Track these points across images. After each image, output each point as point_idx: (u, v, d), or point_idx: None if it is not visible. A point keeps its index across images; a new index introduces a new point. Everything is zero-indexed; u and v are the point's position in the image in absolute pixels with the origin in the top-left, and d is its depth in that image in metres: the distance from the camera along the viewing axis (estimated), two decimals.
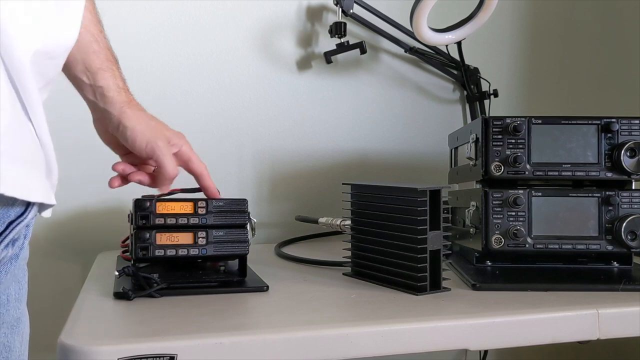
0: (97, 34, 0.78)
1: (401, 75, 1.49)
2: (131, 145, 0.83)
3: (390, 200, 0.91)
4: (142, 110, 0.85)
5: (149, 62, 1.33)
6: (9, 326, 0.64)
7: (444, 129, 1.36)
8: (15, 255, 0.61)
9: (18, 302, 0.65)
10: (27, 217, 0.59)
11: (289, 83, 1.42)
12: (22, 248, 0.62)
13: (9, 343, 0.64)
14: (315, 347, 0.71)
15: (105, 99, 0.81)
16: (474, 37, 1.32)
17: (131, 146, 0.83)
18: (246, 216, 0.91)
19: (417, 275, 0.86)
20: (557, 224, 0.96)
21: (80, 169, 1.29)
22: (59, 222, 1.29)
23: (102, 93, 0.80)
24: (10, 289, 0.64)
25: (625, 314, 0.80)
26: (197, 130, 1.36)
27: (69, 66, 0.77)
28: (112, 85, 0.80)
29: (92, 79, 0.79)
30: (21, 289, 0.66)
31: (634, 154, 0.95)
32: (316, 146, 1.44)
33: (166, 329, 0.71)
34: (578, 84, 1.60)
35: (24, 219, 0.59)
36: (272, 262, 1.12)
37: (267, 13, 1.40)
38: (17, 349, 0.65)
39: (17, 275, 0.64)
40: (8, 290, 0.63)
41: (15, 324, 0.65)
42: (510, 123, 0.96)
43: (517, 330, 0.77)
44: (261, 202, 1.41)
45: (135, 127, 0.82)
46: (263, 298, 0.87)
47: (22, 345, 0.67)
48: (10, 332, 0.64)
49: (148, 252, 0.86)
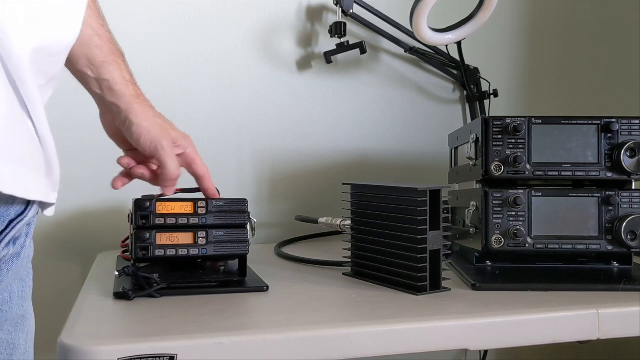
0: (98, 28, 0.77)
1: (401, 75, 1.49)
2: (136, 141, 0.82)
3: (390, 200, 0.91)
4: (150, 106, 0.84)
5: (149, 61, 1.33)
6: (12, 324, 0.64)
7: (444, 129, 1.36)
8: (16, 253, 0.61)
9: (22, 300, 0.65)
10: (27, 215, 0.59)
11: (289, 83, 1.42)
12: (23, 246, 0.62)
13: (13, 341, 0.64)
14: (315, 347, 0.71)
15: (112, 92, 0.79)
16: (474, 37, 1.32)
17: (136, 143, 0.82)
18: (246, 216, 0.91)
19: (417, 275, 0.86)
20: (557, 224, 0.96)
21: (80, 169, 1.29)
22: (59, 221, 1.29)
23: (108, 86, 0.79)
24: (13, 286, 0.64)
25: (625, 314, 0.80)
26: (197, 130, 1.36)
27: (72, 62, 0.76)
28: (118, 78, 0.79)
29: (96, 72, 0.78)
30: (25, 287, 0.66)
31: (634, 154, 0.95)
32: (316, 146, 1.44)
33: (166, 329, 0.71)
34: (578, 84, 1.60)
35: (24, 218, 0.59)
36: (272, 262, 1.12)
37: (267, 13, 1.40)
38: (22, 346, 0.65)
39: (21, 274, 0.64)
40: (11, 288, 0.63)
41: (19, 322, 0.65)
42: (510, 123, 0.96)
43: (517, 330, 0.77)
44: (261, 202, 1.41)
45: (141, 124, 0.81)
46: (263, 298, 0.87)
47: (27, 343, 0.67)
48: (14, 329, 0.64)
49: (148, 252, 0.86)
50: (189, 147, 0.87)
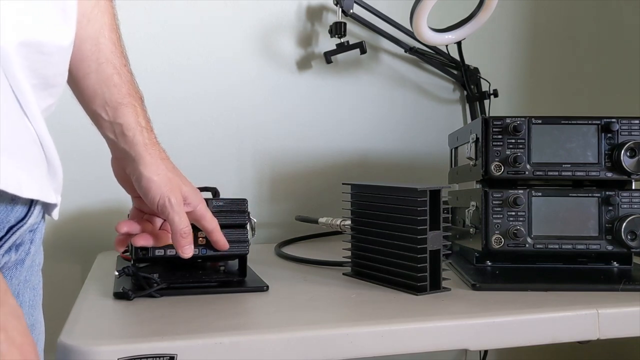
0: (120, 67, 0.75)
1: (401, 75, 1.49)
2: (144, 194, 0.78)
3: (390, 200, 0.91)
4: (164, 158, 0.80)
5: (149, 62, 1.33)
6: None
7: (444, 129, 1.36)
8: (20, 260, 0.60)
9: (32, 309, 0.64)
10: (28, 221, 0.57)
11: (288, 83, 1.42)
12: (28, 253, 0.61)
13: None
14: (315, 347, 0.71)
15: (125, 138, 0.76)
16: (474, 37, 1.32)
17: (144, 195, 0.79)
18: (246, 216, 0.91)
19: (417, 275, 0.86)
20: (557, 224, 0.96)
21: (80, 170, 1.29)
22: (59, 222, 1.29)
23: (121, 131, 0.76)
24: (25, 295, 0.62)
25: (625, 314, 0.80)
26: (198, 131, 1.37)
27: (88, 100, 0.74)
28: (132, 123, 0.76)
29: (111, 114, 0.75)
30: (36, 295, 0.65)
31: (634, 154, 0.95)
32: (316, 146, 1.44)
33: (166, 329, 0.71)
34: (578, 84, 1.60)
35: (25, 224, 0.57)
36: (272, 262, 1.12)
37: (267, 13, 1.40)
38: None
39: (32, 282, 0.63)
40: (22, 297, 0.62)
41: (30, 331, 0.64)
42: (510, 123, 0.96)
43: (517, 330, 0.77)
44: (261, 202, 1.41)
45: (151, 178, 0.77)
46: (263, 298, 0.87)
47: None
48: None
49: (148, 252, 0.86)
50: (199, 204, 0.83)
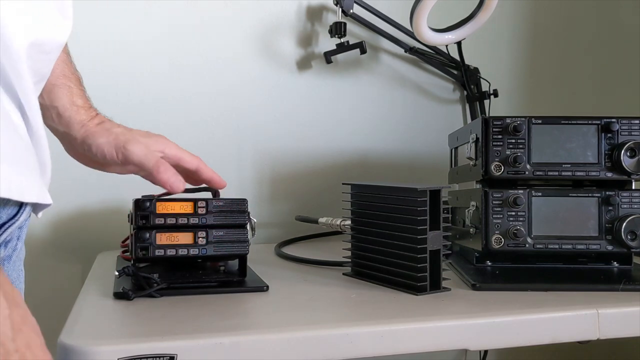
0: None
1: (401, 75, 1.49)
2: (102, 160, 0.75)
3: (390, 200, 0.91)
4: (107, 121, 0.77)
5: (149, 63, 1.33)
6: None
7: (444, 129, 1.36)
8: (7, 256, 0.60)
9: None
10: (19, 219, 0.58)
11: (288, 83, 1.42)
12: (15, 249, 0.61)
13: None
14: (315, 347, 0.71)
15: (61, 119, 0.73)
16: (474, 37, 1.32)
17: (105, 161, 0.76)
18: (246, 216, 0.91)
19: (417, 275, 0.86)
20: (557, 224, 0.96)
21: (80, 169, 1.28)
22: (59, 222, 1.29)
23: (57, 114, 0.72)
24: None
25: (625, 314, 0.80)
26: (198, 131, 1.36)
27: None
28: (66, 104, 0.73)
29: (47, 99, 0.71)
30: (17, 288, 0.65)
31: (634, 154, 0.95)
32: (316, 146, 1.44)
33: (166, 329, 0.71)
34: (578, 84, 1.60)
35: (16, 221, 0.57)
36: (272, 262, 1.12)
37: (267, 13, 1.40)
38: None
39: (11, 276, 0.64)
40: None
41: None
42: (510, 123, 0.96)
43: (517, 330, 0.77)
44: (261, 202, 1.41)
45: (98, 141, 0.74)
46: (263, 298, 0.87)
47: None
48: None
49: (148, 252, 0.86)
50: (166, 147, 0.80)
